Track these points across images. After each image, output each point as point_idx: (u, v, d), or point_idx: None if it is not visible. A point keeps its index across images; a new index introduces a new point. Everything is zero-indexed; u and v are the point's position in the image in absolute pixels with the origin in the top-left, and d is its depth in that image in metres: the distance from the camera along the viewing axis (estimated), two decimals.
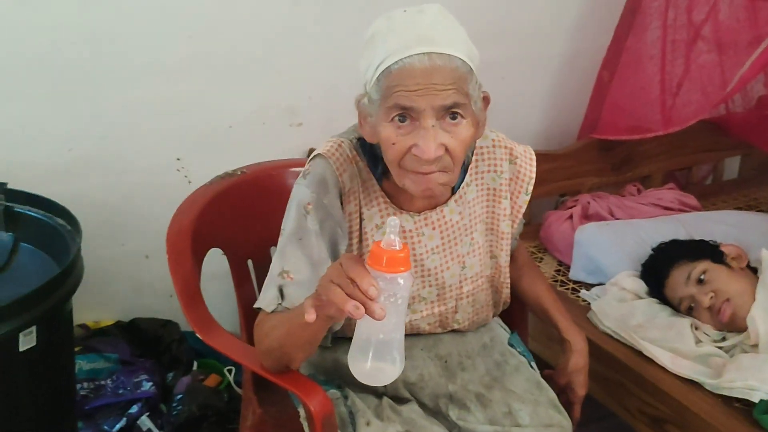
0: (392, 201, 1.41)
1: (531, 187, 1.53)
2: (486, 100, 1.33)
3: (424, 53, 1.20)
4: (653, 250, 2.08)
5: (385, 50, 1.22)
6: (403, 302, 1.07)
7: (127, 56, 2.07)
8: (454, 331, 1.58)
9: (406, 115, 1.23)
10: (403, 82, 1.20)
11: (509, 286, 1.59)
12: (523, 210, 1.54)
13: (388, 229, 1.05)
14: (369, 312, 1.02)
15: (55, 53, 2.00)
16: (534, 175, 1.53)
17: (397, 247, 1.04)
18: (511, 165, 1.51)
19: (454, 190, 1.46)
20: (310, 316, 1.09)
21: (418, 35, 1.21)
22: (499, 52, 2.48)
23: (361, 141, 1.41)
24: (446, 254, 1.47)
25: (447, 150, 1.24)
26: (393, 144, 1.25)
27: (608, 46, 2.57)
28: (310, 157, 1.42)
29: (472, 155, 1.48)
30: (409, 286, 1.07)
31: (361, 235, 1.42)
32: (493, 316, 1.64)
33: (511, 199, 1.52)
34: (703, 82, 2.46)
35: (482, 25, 2.43)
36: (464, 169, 1.46)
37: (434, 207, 1.44)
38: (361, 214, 1.41)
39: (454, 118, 1.24)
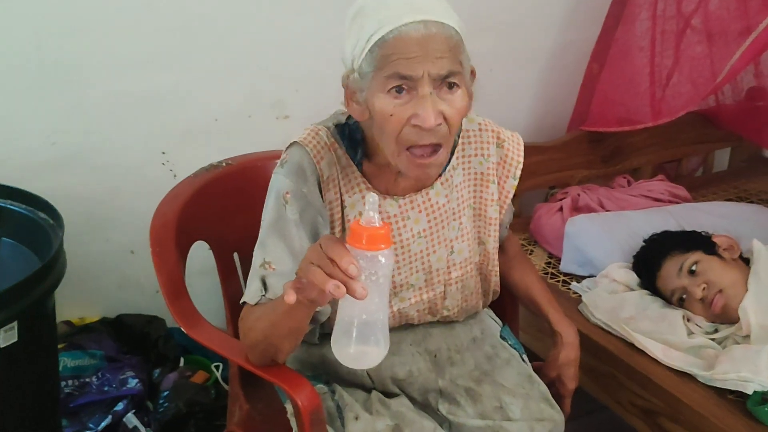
0: (374, 186, 1.39)
1: (519, 172, 1.51)
2: (473, 73, 1.33)
3: (419, 21, 1.19)
4: (645, 241, 2.07)
5: (378, 21, 1.20)
6: (385, 281, 1.05)
7: (111, 49, 2.05)
8: (444, 323, 1.56)
9: (403, 85, 1.21)
10: (399, 51, 1.19)
11: (498, 273, 1.57)
12: (511, 195, 1.53)
13: (367, 206, 1.03)
14: (350, 291, 1.01)
15: (38, 45, 1.98)
16: (522, 160, 1.52)
17: (377, 224, 1.02)
18: (498, 149, 1.50)
19: (440, 172, 1.44)
20: (290, 297, 1.07)
21: (410, 5, 1.20)
22: (488, 44, 2.47)
23: (339, 127, 1.39)
24: (433, 238, 1.45)
25: (444, 119, 1.23)
26: (391, 115, 1.22)
27: (597, 38, 2.56)
28: (287, 145, 1.40)
29: (459, 138, 1.47)
30: (391, 264, 1.05)
31: (343, 223, 1.40)
32: (484, 306, 1.62)
33: (498, 184, 1.51)
34: (693, 74, 2.46)
35: (471, 16, 2.40)
36: (451, 152, 1.45)
37: (419, 189, 1.42)
38: (342, 201, 1.39)
39: (450, 87, 1.23)
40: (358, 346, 1.06)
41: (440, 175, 1.44)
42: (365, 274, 1.02)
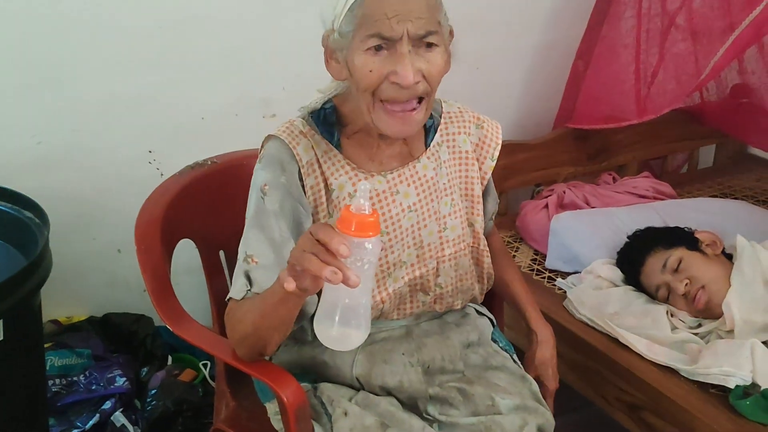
0: (357, 163, 1.40)
1: (497, 153, 1.54)
2: (451, 33, 1.35)
3: None
4: (629, 237, 2.08)
5: None
6: (370, 267, 1.07)
7: (97, 48, 2.05)
8: (440, 334, 1.56)
9: (382, 44, 1.24)
10: (379, 10, 1.22)
11: (490, 256, 1.58)
12: (488, 175, 1.55)
13: (359, 194, 1.05)
14: (344, 278, 1.02)
15: (25, 44, 1.97)
16: (500, 142, 1.55)
17: (367, 212, 1.05)
18: (477, 129, 1.53)
19: (426, 146, 1.47)
20: (290, 285, 1.08)
21: None
22: (474, 43, 2.47)
23: (312, 114, 1.41)
24: (423, 212, 1.46)
25: (423, 76, 1.26)
26: (370, 71, 1.25)
27: (583, 36, 2.57)
28: (263, 141, 1.43)
29: (441, 118, 1.50)
30: (377, 252, 1.07)
31: (328, 206, 1.40)
32: (480, 293, 1.62)
33: (477, 163, 1.53)
34: (678, 71, 2.47)
35: (457, 15, 2.41)
36: (434, 129, 1.48)
37: (406, 163, 1.44)
38: (327, 185, 1.39)
39: (429, 46, 1.26)
40: (341, 329, 1.09)
41: (426, 149, 1.46)
42: (351, 260, 1.04)
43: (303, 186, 1.38)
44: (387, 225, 1.42)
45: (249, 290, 1.32)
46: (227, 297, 1.37)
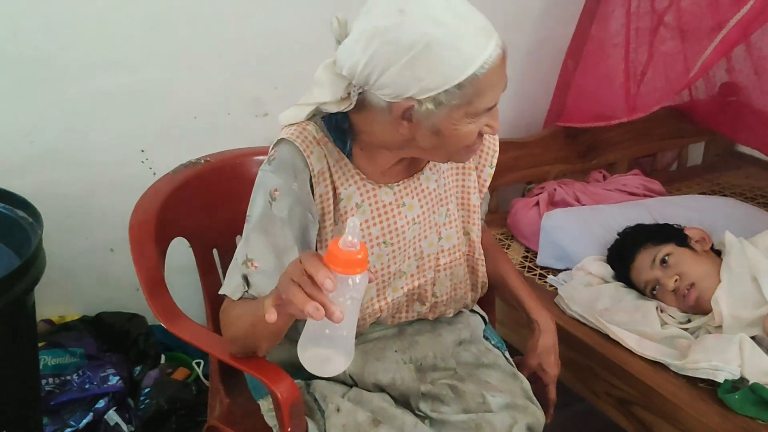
0: (368, 175, 1.39)
1: (495, 161, 1.54)
2: None
3: (497, 46, 1.22)
4: (619, 234, 2.10)
5: (464, 56, 1.18)
6: (354, 303, 1.06)
7: (90, 46, 2.05)
8: (431, 332, 1.57)
9: None
10: (489, 84, 1.22)
11: (485, 264, 1.58)
12: (488, 183, 1.56)
13: (348, 230, 1.03)
14: (328, 314, 1.02)
15: (15, 43, 1.97)
16: (498, 149, 1.55)
17: (356, 249, 1.03)
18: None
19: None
20: (271, 316, 1.08)
21: (479, 27, 1.21)
22: None
23: (325, 119, 1.37)
24: (425, 224, 1.47)
25: None
26: (472, 133, 1.28)
27: (573, 35, 2.58)
28: (275, 142, 1.38)
29: None
30: (363, 287, 1.06)
31: (335, 216, 1.39)
32: (473, 301, 1.63)
33: (475, 171, 1.54)
34: (667, 69, 2.48)
35: None
36: None
37: (411, 175, 1.44)
38: (336, 194, 1.37)
39: None
40: (321, 354, 1.09)
41: (428, 161, 1.46)
42: (335, 294, 1.04)
43: (313, 193, 1.36)
44: (392, 236, 1.42)
45: (246, 291, 1.32)
46: (220, 291, 1.37)
